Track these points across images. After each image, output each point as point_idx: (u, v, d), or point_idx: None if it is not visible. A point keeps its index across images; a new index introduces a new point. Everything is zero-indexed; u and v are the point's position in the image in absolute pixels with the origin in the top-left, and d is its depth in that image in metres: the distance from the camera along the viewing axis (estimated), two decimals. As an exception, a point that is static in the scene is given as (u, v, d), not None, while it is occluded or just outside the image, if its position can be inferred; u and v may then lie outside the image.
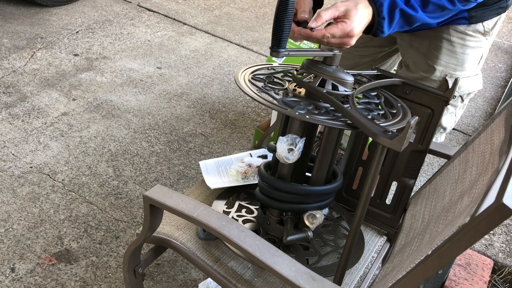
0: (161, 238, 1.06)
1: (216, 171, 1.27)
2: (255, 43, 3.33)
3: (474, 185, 0.80)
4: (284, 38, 0.88)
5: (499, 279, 1.76)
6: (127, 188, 1.91)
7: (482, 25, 1.20)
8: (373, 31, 1.02)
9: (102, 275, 1.54)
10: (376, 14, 0.99)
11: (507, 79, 3.37)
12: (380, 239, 1.22)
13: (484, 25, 1.20)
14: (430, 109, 1.09)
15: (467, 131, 2.72)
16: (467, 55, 1.24)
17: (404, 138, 0.76)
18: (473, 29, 1.21)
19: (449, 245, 0.63)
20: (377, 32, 1.02)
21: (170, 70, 2.83)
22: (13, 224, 1.68)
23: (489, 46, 1.28)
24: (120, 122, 2.30)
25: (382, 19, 0.99)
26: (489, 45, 1.27)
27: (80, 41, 2.99)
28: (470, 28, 1.20)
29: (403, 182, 1.17)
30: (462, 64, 1.25)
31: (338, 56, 0.94)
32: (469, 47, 1.23)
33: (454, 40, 1.22)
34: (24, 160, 1.97)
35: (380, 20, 1.00)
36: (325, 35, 0.94)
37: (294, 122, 0.99)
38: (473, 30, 1.21)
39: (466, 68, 1.26)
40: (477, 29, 1.21)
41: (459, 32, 1.21)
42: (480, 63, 1.29)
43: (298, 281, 0.79)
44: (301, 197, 1.02)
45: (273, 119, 2.20)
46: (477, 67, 1.29)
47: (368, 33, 1.03)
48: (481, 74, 1.33)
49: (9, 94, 2.39)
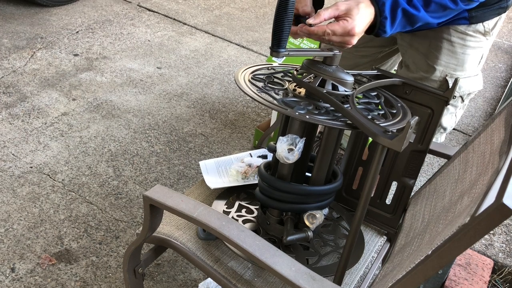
0: (161, 238, 1.06)
1: (216, 171, 1.27)
2: (255, 43, 3.33)
3: (474, 185, 0.80)
4: (284, 38, 0.88)
5: (499, 279, 1.76)
6: (127, 188, 1.91)
7: (483, 25, 1.20)
8: (375, 31, 1.01)
9: (102, 275, 1.54)
10: (378, 13, 0.98)
11: (507, 79, 3.37)
12: (380, 239, 1.22)
13: (484, 25, 1.20)
14: (430, 109, 1.09)
15: (467, 131, 2.72)
16: (467, 55, 1.24)
17: (404, 138, 0.76)
18: (473, 29, 1.21)
19: (449, 245, 0.63)
20: (379, 32, 1.02)
21: (170, 70, 2.83)
22: (13, 224, 1.68)
23: (489, 46, 1.28)
24: (120, 122, 2.30)
25: (384, 19, 0.99)
26: (489, 45, 1.27)
27: (80, 41, 2.99)
28: (471, 28, 1.20)
29: (403, 182, 1.17)
30: (462, 64, 1.25)
31: (338, 56, 0.94)
32: (470, 47, 1.23)
33: (455, 40, 1.22)
34: (24, 160, 1.97)
35: (382, 20, 0.99)
36: (326, 31, 0.94)
37: (294, 122, 0.99)
38: (474, 30, 1.21)
39: (466, 68, 1.26)
40: (478, 29, 1.21)
41: (460, 32, 1.21)
42: (480, 63, 1.29)
43: (298, 281, 0.79)
44: (301, 197, 1.02)
45: (273, 119, 2.20)
46: (477, 67, 1.29)
47: (370, 33, 1.03)
48: (481, 74, 1.33)
49: (9, 94, 2.39)
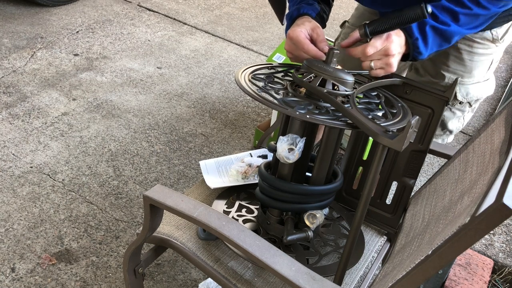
0: (161, 238, 1.06)
1: (216, 171, 1.27)
2: (255, 43, 3.33)
3: (474, 185, 0.80)
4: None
5: (499, 279, 1.76)
6: (127, 188, 1.91)
7: (490, 33, 1.18)
8: (411, 54, 1.02)
9: (102, 275, 1.54)
10: (408, 36, 1.00)
11: (507, 79, 3.37)
12: (380, 239, 1.22)
13: (492, 32, 1.18)
14: (430, 109, 1.09)
15: (467, 131, 2.72)
16: (475, 62, 1.22)
17: (405, 138, 0.76)
18: (480, 37, 1.18)
19: (449, 245, 0.63)
20: (415, 55, 1.02)
21: (170, 70, 2.83)
22: (13, 224, 1.68)
23: (501, 52, 1.24)
24: (120, 122, 2.30)
25: (416, 40, 1.00)
26: (500, 51, 1.24)
27: (80, 41, 2.99)
28: (478, 35, 1.18)
29: (403, 182, 1.17)
30: (470, 71, 1.23)
31: (337, 54, 0.95)
32: (477, 54, 1.21)
33: (461, 47, 1.20)
34: (24, 160, 1.97)
35: (414, 41, 1.00)
36: (366, 49, 0.97)
37: (295, 122, 0.99)
38: (481, 37, 1.18)
39: (474, 75, 1.24)
40: (485, 36, 1.18)
41: (466, 39, 1.19)
42: (490, 69, 1.26)
43: (298, 281, 0.79)
44: (302, 197, 1.02)
45: (273, 119, 2.20)
46: (487, 73, 1.26)
47: (406, 59, 1.04)
48: (493, 78, 1.29)
49: (9, 94, 2.39)
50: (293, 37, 1.03)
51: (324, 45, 1.02)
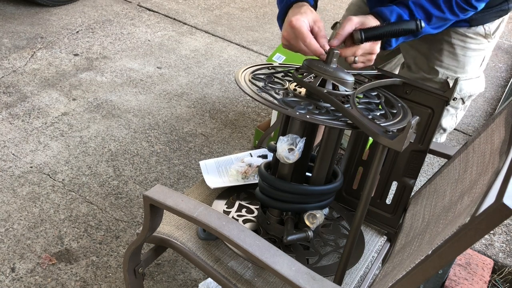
0: (161, 238, 1.06)
1: (216, 171, 1.27)
2: (255, 43, 3.33)
3: (474, 185, 0.80)
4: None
5: (499, 279, 1.76)
6: (127, 188, 1.91)
7: (483, 28, 1.20)
8: (382, 45, 1.08)
9: (102, 275, 1.54)
10: None
11: (507, 79, 3.38)
12: (380, 239, 1.22)
13: (485, 27, 1.20)
14: (430, 109, 1.09)
15: (467, 131, 2.72)
16: (468, 57, 1.24)
17: (405, 138, 0.76)
18: (473, 32, 1.20)
19: (449, 245, 0.63)
20: (385, 46, 1.08)
21: (170, 70, 2.83)
22: (13, 224, 1.68)
23: (491, 48, 1.27)
24: (120, 122, 2.30)
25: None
26: (491, 47, 1.27)
27: (80, 41, 2.99)
28: (471, 30, 1.20)
29: (403, 182, 1.17)
30: (464, 67, 1.25)
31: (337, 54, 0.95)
32: (470, 49, 1.23)
33: (455, 42, 1.22)
34: (24, 160, 1.97)
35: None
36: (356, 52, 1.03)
37: (295, 122, 0.99)
38: (474, 32, 1.21)
39: (467, 71, 1.26)
40: (478, 31, 1.20)
41: (460, 35, 1.21)
42: (482, 65, 1.29)
43: (298, 281, 0.79)
44: (302, 197, 1.02)
45: (273, 119, 2.20)
46: (479, 69, 1.29)
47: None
48: (483, 76, 1.33)
49: (9, 94, 2.39)
50: (295, 26, 0.99)
51: (325, 41, 1.00)
